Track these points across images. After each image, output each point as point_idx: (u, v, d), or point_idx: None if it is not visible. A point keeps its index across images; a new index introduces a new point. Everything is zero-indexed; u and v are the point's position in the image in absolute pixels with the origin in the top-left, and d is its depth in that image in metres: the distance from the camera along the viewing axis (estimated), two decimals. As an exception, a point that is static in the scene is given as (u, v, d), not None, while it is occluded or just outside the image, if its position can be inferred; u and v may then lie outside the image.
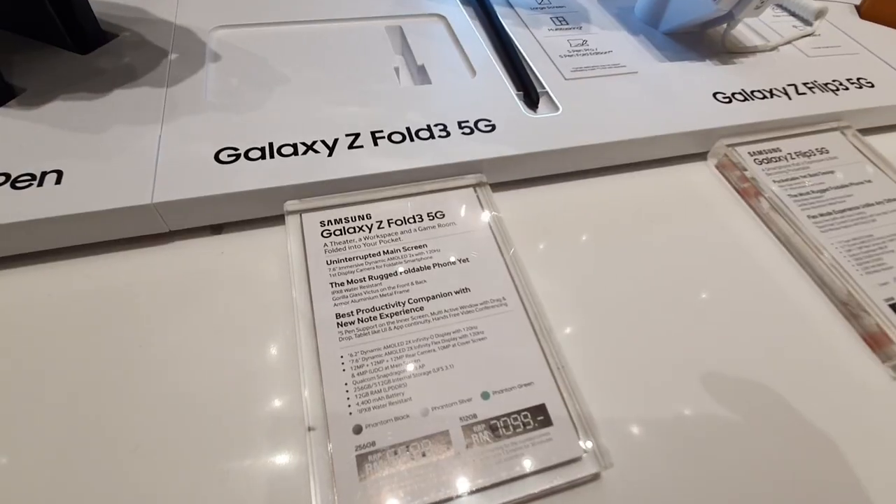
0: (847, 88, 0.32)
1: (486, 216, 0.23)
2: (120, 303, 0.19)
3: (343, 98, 0.26)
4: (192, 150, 0.22)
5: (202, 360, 0.18)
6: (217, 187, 0.21)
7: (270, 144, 0.23)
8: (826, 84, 0.32)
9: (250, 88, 0.26)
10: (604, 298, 0.22)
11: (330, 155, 0.23)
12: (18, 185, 0.20)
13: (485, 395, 0.17)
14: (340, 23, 0.31)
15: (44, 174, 0.20)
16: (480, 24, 0.33)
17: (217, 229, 0.22)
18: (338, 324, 0.19)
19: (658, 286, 0.23)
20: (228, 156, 0.22)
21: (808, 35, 0.36)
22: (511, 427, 0.17)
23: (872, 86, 0.32)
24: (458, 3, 0.34)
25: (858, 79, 0.33)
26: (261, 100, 0.25)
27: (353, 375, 0.17)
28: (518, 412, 0.17)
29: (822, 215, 0.26)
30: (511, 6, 0.35)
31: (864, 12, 0.41)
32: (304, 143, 0.23)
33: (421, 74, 0.29)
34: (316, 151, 0.23)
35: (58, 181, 0.20)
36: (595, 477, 0.16)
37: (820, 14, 0.37)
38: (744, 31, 0.35)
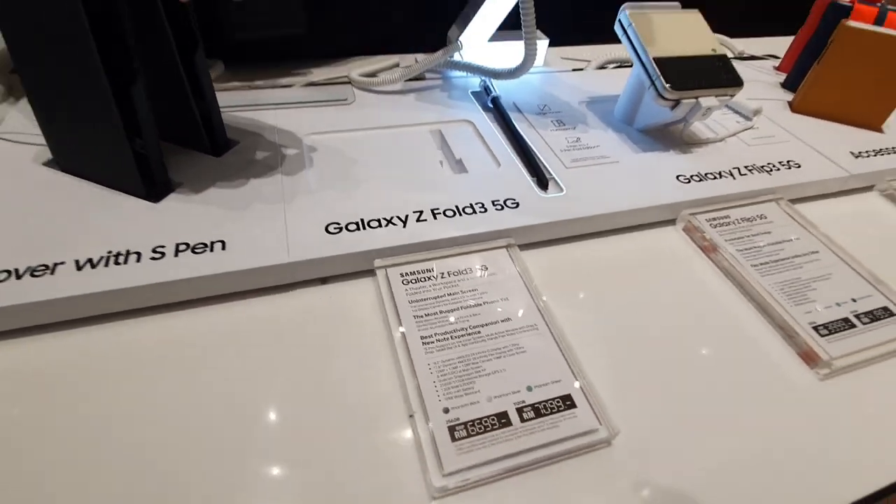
0: (779, 169, 0.42)
1: (517, 268, 0.32)
2: (270, 331, 0.28)
3: (407, 185, 0.35)
4: (309, 224, 0.31)
5: (329, 372, 0.26)
6: (329, 250, 0.30)
7: (362, 220, 0.32)
8: (762, 166, 0.42)
9: (340, 178, 0.35)
10: (605, 323, 0.30)
11: (404, 226, 0.32)
12: (196, 250, 0.28)
13: (528, 388, 0.25)
14: (396, 129, 0.42)
15: (212, 243, 0.29)
16: (499, 126, 0.44)
17: (324, 280, 0.31)
18: (423, 343, 0.27)
19: (645, 317, 0.31)
20: (334, 228, 0.31)
21: (749, 128, 0.47)
22: (548, 408, 0.24)
23: (799, 166, 0.43)
24: (481, 110, 0.45)
25: (788, 161, 0.43)
26: (349, 187, 0.35)
27: (438, 376, 0.25)
28: (552, 399, 0.25)
29: (762, 264, 0.35)
30: (520, 111, 0.46)
31: (794, 107, 0.52)
32: (385, 219, 0.32)
33: (459, 166, 0.39)
34: (394, 224, 0.32)
35: (223, 248, 0.29)
36: (607, 442, 0.24)
37: (756, 112, 0.48)
38: (699, 126, 0.46)
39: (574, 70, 0.56)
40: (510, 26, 0.47)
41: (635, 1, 0.42)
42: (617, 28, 0.42)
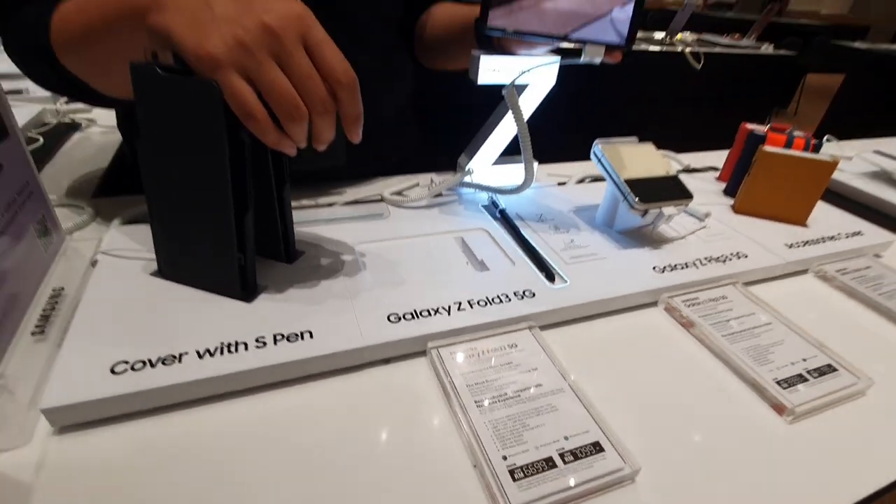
0: (731, 259, 0.53)
1: (540, 344, 0.39)
2: (347, 404, 0.34)
3: (444, 282, 0.44)
4: (373, 315, 0.39)
5: (399, 435, 0.32)
6: (391, 335, 0.37)
7: (415, 310, 0.40)
8: (717, 257, 0.53)
9: (390, 278, 0.44)
10: (615, 385, 0.38)
11: (448, 314, 0.40)
12: (290, 339, 0.36)
13: (566, 438, 0.32)
14: (427, 237, 0.52)
15: (302, 332, 0.36)
16: (508, 232, 0.54)
17: (387, 360, 0.38)
18: (476, 406, 0.33)
19: (645, 380, 0.39)
20: (394, 318, 0.39)
21: (703, 228, 0.59)
22: (583, 453, 0.31)
23: (747, 256, 0.54)
24: (492, 219, 0.56)
25: (737, 252, 0.54)
26: (399, 285, 0.43)
27: (493, 431, 0.32)
28: (585, 445, 0.31)
29: (731, 334, 0.43)
30: (523, 220, 0.56)
31: (736, 210, 0.65)
32: (432, 309, 0.40)
33: (482, 265, 0.48)
34: (440, 313, 0.40)
35: (311, 336, 0.36)
36: (631, 478, 0.30)
37: (707, 215, 0.61)
38: (665, 228, 0.58)
39: (559, 184, 0.69)
40: (509, 153, 0.60)
41: (604, 137, 0.55)
42: (592, 157, 0.54)
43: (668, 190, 0.52)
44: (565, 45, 0.46)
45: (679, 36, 2.40)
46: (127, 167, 0.67)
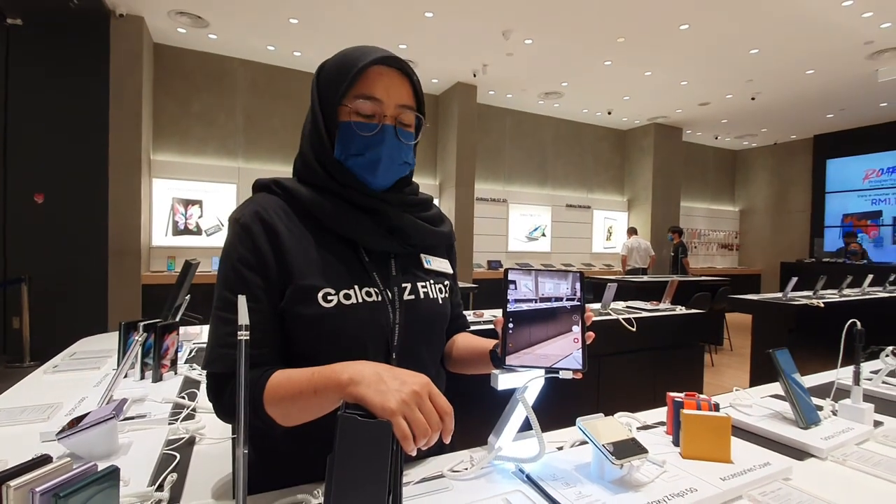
0: (688, 493, 0.78)
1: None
2: None
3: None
4: None
5: None
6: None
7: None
8: (678, 493, 0.78)
9: (471, 534, 0.66)
10: None
11: (518, 553, 0.62)
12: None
13: None
14: (484, 501, 0.75)
15: None
16: (536, 491, 0.78)
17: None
18: None
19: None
20: None
21: (663, 472, 0.85)
22: None
23: (697, 490, 0.79)
24: (521, 482, 0.81)
25: (690, 488, 0.80)
26: (479, 537, 0.65)
27: None
28: None
29: (698, 548, 0.66)
30: (543, 480, 0.81)
31: (683, 456, 0.93)
32: None
33: (526, 517, 0.71)
34: None
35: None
36: None
37: (663, 462, 0.88)
38: (637, 475, 0.84)
39: (558, 448, 0.96)
40: (523, 429, 0.89)
41: (585, 415, 0.86)
42: (578, 430, 0.84)
43: (632, 448, 0.81)
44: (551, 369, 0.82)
45: (610, 307, 3.06)
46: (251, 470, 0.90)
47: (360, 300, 0.81)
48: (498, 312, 1.03)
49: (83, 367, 1.47)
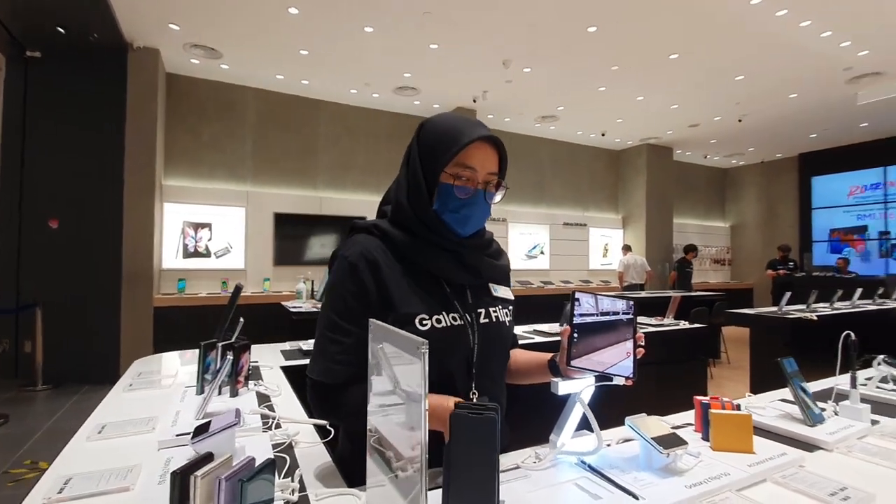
0: (722, 476, 0.94)
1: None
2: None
3: (584, 507, 0.82)
4: None
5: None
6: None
7: (581, 521, 0.77)
8: (715, 476, 0.94)
9: (556, 509, 0.82)
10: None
11: (598, 521, 0.78)
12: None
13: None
14: (556, 486, 0.91)
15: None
16: (599, 477, 0.94)
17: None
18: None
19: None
20: (574, 526, 0.76)
21: (700, 461, 1.01)
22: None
23: (729, 474, 0.95)
24: (583, 471, 0.97)
25: (724, 472, 0.96)
26: (563, 511, 0.81)
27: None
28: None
29: (738, 517, 0.82)
30: (602, 469, 0.97)
31: (713, 448, 1.09)
32: (589, 520, 0.78)
33: (595, 497, 0.87)
34: (594, 521, 0.78)
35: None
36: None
37: (699, 453, 1.04)
38: (680, 463, 1.00)
39: (606, 445, 1.12)
40: (580, 428, 1.05)
41: (632, 415, 1.02)
42: (628, 427, 1.01)
43: (674, 440, 0.98)
44: (605, 374, 0.99)
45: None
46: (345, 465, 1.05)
47: (449, 324, 0.98)
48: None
49: (155, 387, 1.61)
